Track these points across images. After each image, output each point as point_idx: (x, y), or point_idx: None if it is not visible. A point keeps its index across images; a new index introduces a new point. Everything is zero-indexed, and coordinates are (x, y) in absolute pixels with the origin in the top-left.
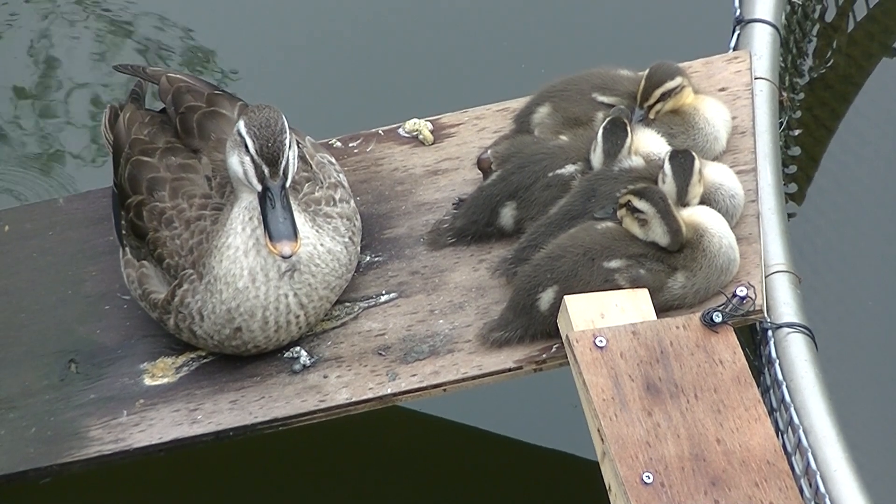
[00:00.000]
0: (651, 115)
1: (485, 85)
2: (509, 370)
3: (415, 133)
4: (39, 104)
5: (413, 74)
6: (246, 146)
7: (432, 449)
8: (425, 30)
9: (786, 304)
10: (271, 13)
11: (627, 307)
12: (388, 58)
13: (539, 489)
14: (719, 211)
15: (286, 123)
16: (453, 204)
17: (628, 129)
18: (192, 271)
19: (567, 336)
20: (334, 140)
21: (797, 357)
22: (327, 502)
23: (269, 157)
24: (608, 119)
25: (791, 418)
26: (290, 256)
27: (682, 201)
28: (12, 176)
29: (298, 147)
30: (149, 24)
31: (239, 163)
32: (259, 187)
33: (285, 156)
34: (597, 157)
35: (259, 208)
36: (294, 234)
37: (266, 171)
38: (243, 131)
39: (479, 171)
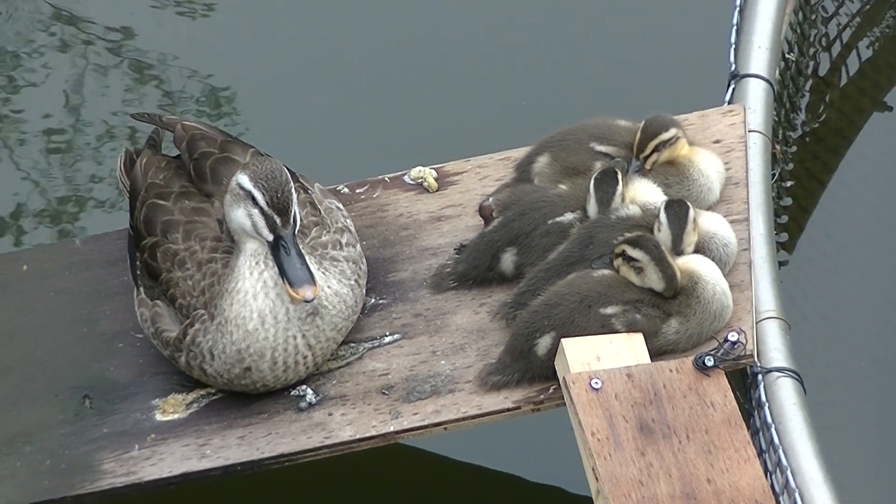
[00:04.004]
0: (647, 166)
1: (487, 135)
2: (508, 410)
3: (419, 180)
4: (61, 149)
5: (418, 124)
6: (254, 199)
7: (433, 485)
8: (431, 81)
9: (775, 350)
10: (285, 67)
11: (623, 351)
12: (395, 108)
13: None
14: (713, 259)
15: (288, 173)
16: (455, 249)
17: (619, 178)
18: (204, 312)
19: (564, 378)
20: (342, 186)
21: (786, 401)
22: None
23: (280, 207)
24: (599, 170)
25: (779, 460)
26: (313, 300)
27: (677, 249)
28: (34, 217)
29: (307, 193)
30: (168, 75)
31: (246, 216)
32: (270, 237)
33: (294, 204)
34: (591, 207)
35: (266, 255)
36: (312, 278)
37: (278, 220)
38: (248, 185)
39: (481, 218)
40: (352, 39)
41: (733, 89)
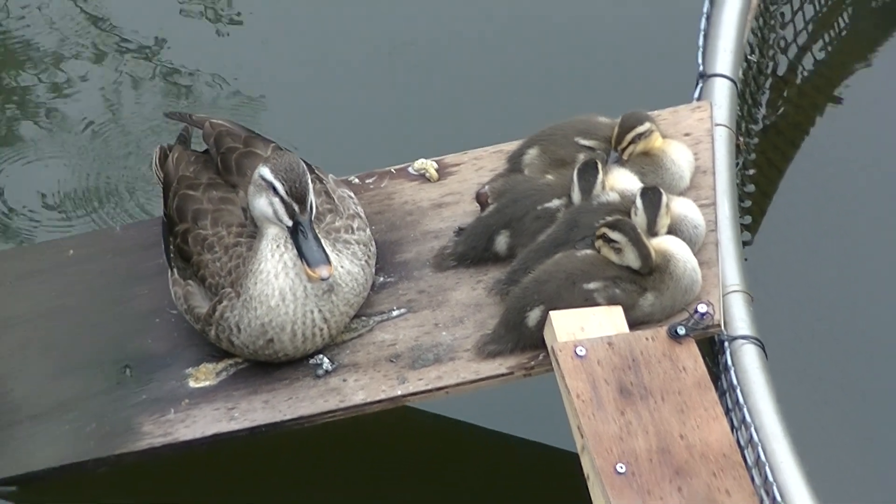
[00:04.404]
0: (624, 157)
1: (483, 130)
2: (502, 375)
3: (422, 171)
4: (102, 146)
5: (421, 121)
6: (274, 189)
7: (436, 444)
8: (431, 83)
9: (740, 320)
10: (302, 72)
11: (604, 322)
12: (400, 106)
13: (527, 476)
14: (684, 239)
15: (305, 166)
16: (455, 232)
17: (599, 168)
18: (231, 290)
19: (552, 346)
20: (353, 177)
21: (749, 365)
22: (345, 486)
23: (298, 196)
24: (581, 162)
25: (744, 417)
26: (328, 278)
27: (652, 231)
28: (78, 207)
29: (322, 183)
30: (197, 78)
31: (268, 204)
32: (290, 223)
33: (311, 193)
34: (575, 194)
35: (286, 239)
36: (328, 259)
37: (296, 208)
38: (269, 176)
39: (478, 204)
40: (360, 49)
41: (701, 87)
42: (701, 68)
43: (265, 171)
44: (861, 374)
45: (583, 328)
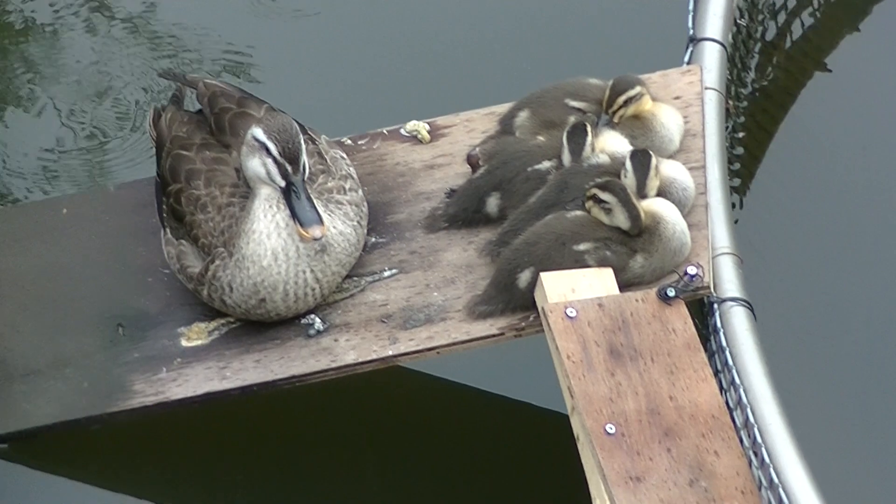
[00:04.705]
0: (615, 120)
1: (475, 92)
2: (493, 336)
3: (414, 133)
4: (97, 107)
5: (413, 83)
6: (267, 149)
7: (428, 404)
8: (424, 45)
9: (729, 282)
10: (296, 35)
11: (594, 283)
12: (393, 69)
13: (518, 437)
14: (673, 202)
15: (298, 126)
16: (446, 194)
17: (588, 130)
18: (224, 250)
19: (542, 307)
20: (345, 138)
21: (739, 326)
22: (335, 445)
23: (291, 156)
24: (571, 124)
25: (733, 379)
26: (321, 238)
27: (642, 193)
28: (72, 166)
29: (315, 144)
30: (190, 39)
31: (261, 164)
32: (283, 183)
33: (303, 154)
34: (566, 156)
35: (279, 199)
36: (320, 218)
37: (289, 168)
38: (262, 137)
39: (469, 166)
40: (354, 10)
41: (691, 51)
42: (691, 32)
43: (258, 132)
44: (849, 335)
45: (573, 289)
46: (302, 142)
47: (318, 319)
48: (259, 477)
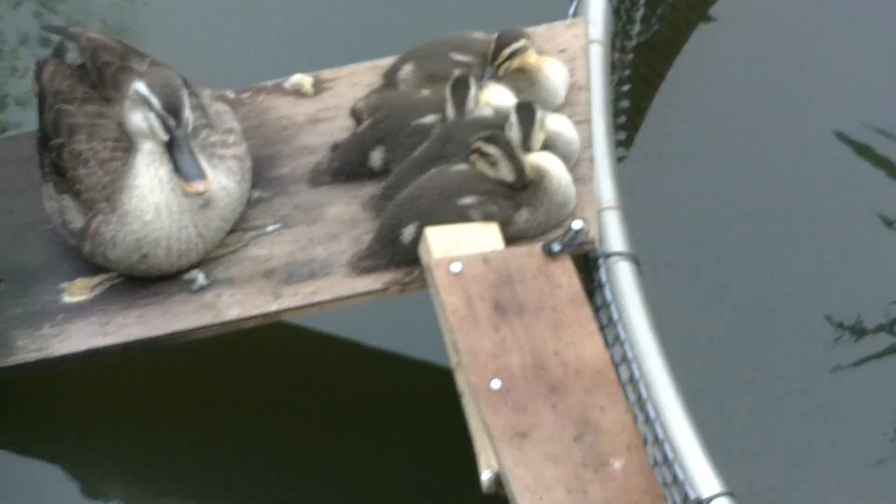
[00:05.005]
0: (500, 73)
1: (359, 45)
2: (377, 291)
3: (298, 86)
4: None
5: (297, 36)
6: (150, 103)
7: (313, 359)
8: None
9: (614, 236)
10: None
11: (479, 238)
12: (276, 22)
13: (403, 391)
14: (559, 156)
15: (181, 80)
16: (330, 147)
17: (471, 84)
18: (106, 205)
19: (427, 262)
20: (229, 92)
21: (624, 281)
22: (218, 402)
23: (174, 110)
24: (453, 78)
25: (618, 334)
26: (204, 192)
27: (526, 146)
28: None
29: (198, 98)
30: None
31: (143, 119)
32: (166, 137)
33: (186, 108)
34: (449, 109)
35: (161, 153)
36: (204, 173)
37: (172, 122)
38: (145, 91)
39: (353, 120)
40: None
41: (576, 4)
42: None
43: (140, 86)
44: (735, 289)
45: (458, 244)
46: (185, 96)
47: (201, 275)
48: (152, 435)
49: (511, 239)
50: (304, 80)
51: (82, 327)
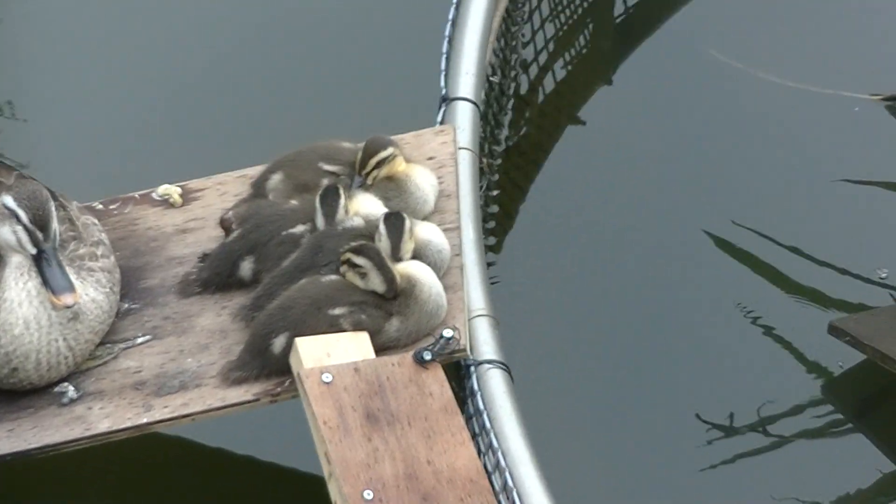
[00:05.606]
0: (368, 181)
1: (226, 155)
2: (248, 402)
3: (166, 196)
4: None
5: (164, 146)
6: (17, 217)
7: (186, 470)
8: (174, 107)
9: (486, 344)
10: (41, 93)
11: (350, 348)
12: (143, 132)
13: (275, 501)
14: (429, 264)
15: (48, 193)
16: (199, 258)
17: (341, 193)
18: None
19: (298, 373)
20: (97, 203)
21: (496, 389)
22: None
23: (41, 224)
24: (323, 187)
25: (491, 442)
26: (73, 305)
27: (396, 256)
28: None
29: (66, 210)
30: None
31: (11, 232)
32: (34, 251)
33: (54, 221)
34: (319, 219)
35: (30, 267)
36: (72, 286)
37: (40, 236)
38: (12, 205)
39: (223, 230)
40: (101, 72)
41: (444, 111)
42: (444, 91)
43: (8, 200)
44: (605, 392)
45: (329, 354)
46: (52, 209)
47: (71, 388)
48: None
49: (382, 348)
50: (171, 190)
51: None
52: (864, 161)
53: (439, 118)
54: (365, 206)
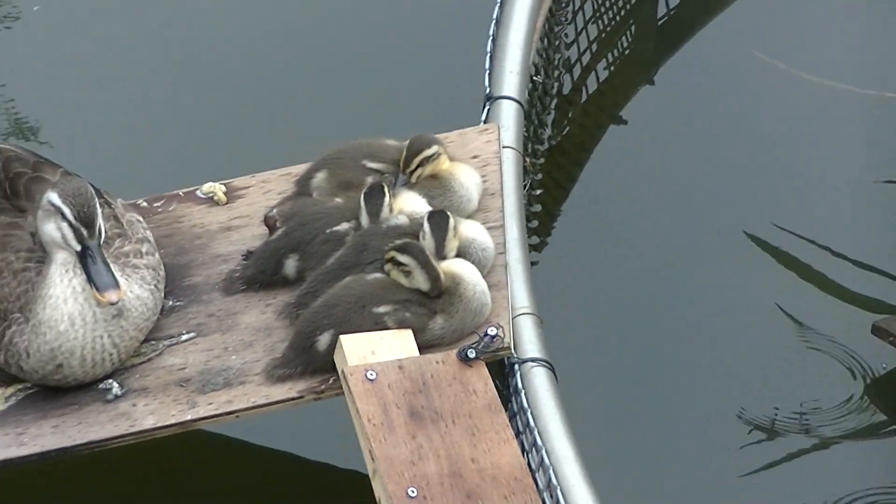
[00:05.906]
0: (413, 180)
1: (271, 152)
2: (292, 399)
3: (210, 194)
4: None
5: (209, 144)
6: (62, 214)
7: (231, 467)
8: (219, 105)
9: (530, 342)
10: (87, 93)
11: (394, 345)
12: (188, 129)
13: (320, 500)
14: (473, 262)
15: (93, 190)
16: (243, 256)
17: (385, 191)
18: (20, 315)
19: (342, 370)
20: (141, 201)
21: (540, 387)
22: None
23: (87, 220)
24: (367, 185)
25: (535, 440)
26: (117, 302)
27: (441, 254)
28: None
29: (111, 207)
30: None
31: (56, 229)
32: (79, 247)
33: (99, 218)
34: (364, 217)
35: (75, 264)
36: (117, 283)
37: (85, 233)
38: (58, 201)
39: (266, 228)
40: (146, 70)
41: (488, 110)
42: (488, 90)
43: (53, 196)
44: (649, 391)
45: (373, 352)
46: (97, 206)
47: (115, 384)
48: None
49: (426, 346)
50: (216, 187)
51: None
52: None
53: (483, 117)
54: (409, 205)
